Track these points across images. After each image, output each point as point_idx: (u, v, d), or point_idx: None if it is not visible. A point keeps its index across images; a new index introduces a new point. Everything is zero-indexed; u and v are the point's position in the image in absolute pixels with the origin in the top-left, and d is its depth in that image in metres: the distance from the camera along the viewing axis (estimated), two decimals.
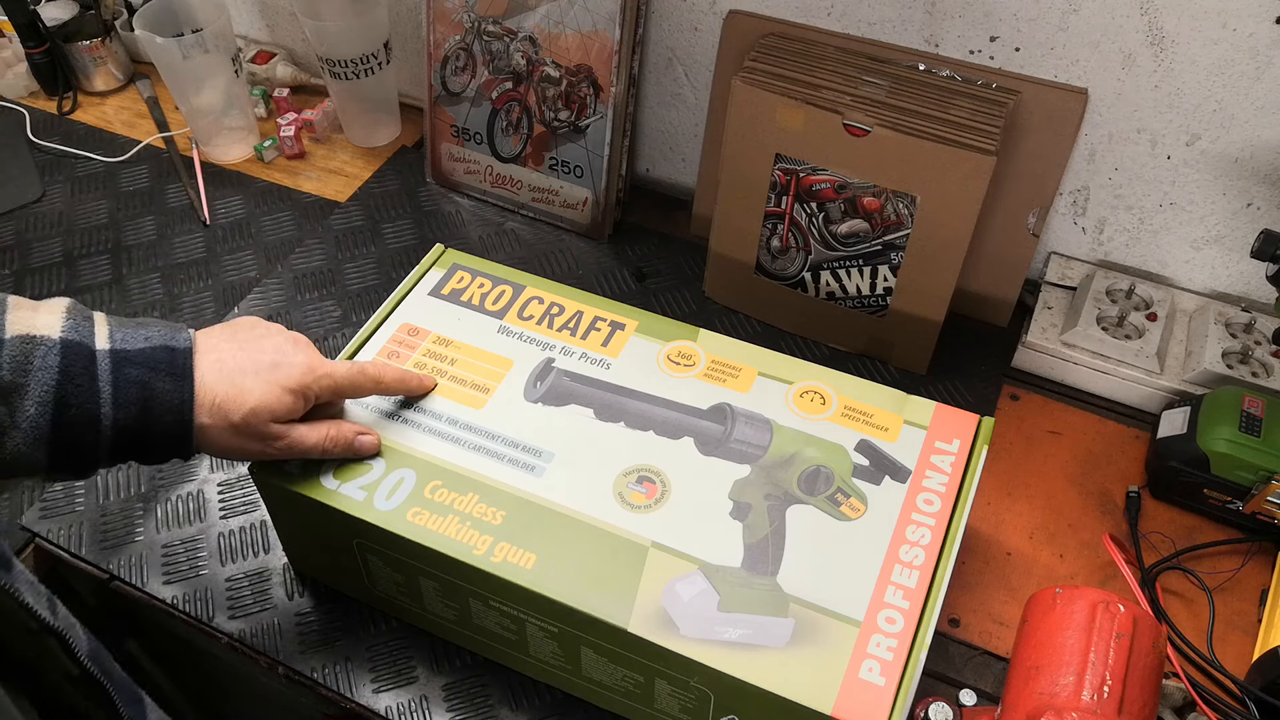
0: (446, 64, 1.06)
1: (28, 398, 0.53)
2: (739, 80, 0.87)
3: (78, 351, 0.55)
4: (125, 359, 0.57)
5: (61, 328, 0.55)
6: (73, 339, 0.55)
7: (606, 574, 0.62)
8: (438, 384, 0.72)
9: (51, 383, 0.54)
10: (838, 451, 0.69)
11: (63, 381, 0.54)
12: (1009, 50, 0.89)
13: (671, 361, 0.75)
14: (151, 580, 0.79)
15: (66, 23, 1.23)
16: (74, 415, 0.54)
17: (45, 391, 0.53)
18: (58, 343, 0.54)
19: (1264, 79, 0.81)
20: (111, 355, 0.56)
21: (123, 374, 0.56)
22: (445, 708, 0.72)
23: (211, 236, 1.09)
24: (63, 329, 0.55)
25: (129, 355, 0.57)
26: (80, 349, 0.55)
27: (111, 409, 0.55)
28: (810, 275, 0.94)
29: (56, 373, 0.54)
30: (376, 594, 0.74)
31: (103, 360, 0.56)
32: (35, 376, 0.53)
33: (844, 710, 0.57)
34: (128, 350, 0.57)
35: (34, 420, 0.53)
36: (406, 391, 0.71)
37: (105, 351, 0.56)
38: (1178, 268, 0.95)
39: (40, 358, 0.54)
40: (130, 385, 0.56)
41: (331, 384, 0.65)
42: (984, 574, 0.80)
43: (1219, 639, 0.75)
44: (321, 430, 0.65)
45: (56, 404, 0.54)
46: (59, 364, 0.54)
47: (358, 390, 0.68)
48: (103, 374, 0.55)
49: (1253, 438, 0.78)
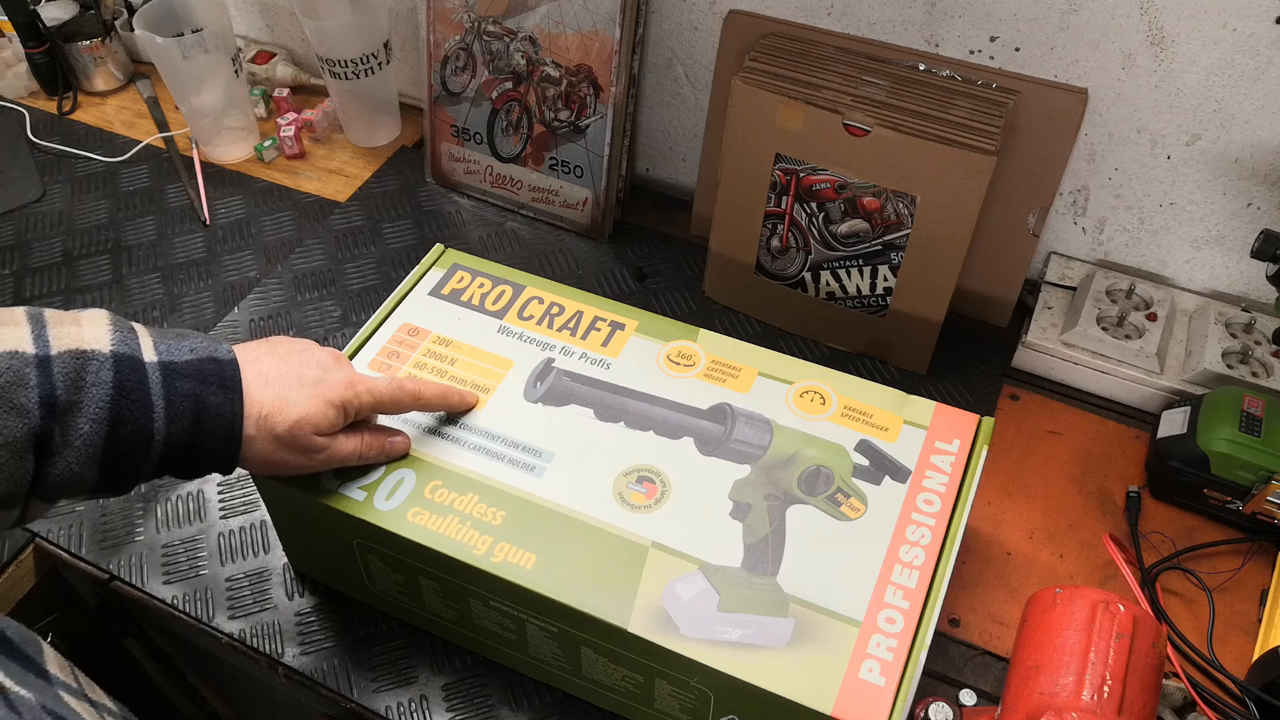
0: (446, 64, 1.06)
1: (82, 415, 0.51)
2: (739, 80, 0.87)
3: (130, 365, 0.53)
4: (174, 371, 0.55)
5: (110, 340, 0.54)
6: (124, 352, 0.54)
7: (606, 574, 0.62)
8: (479, 400, 0.71)
9: (106, 399, 0.52)
10: (838, 451, 0.69)
11: (117, 396, 0.52)
12: (1009, 50, 0.89)
13: (671, 361, 0.75)
14: (151, 580, 0.79)
15: (66, 23, 1.23)
16: (129, 431, 0.53)
17: (100, 408, 0.52)
18: (109, 357, 0.53)
19: (1264, 79, 0.81)
20: (161, 368, 0.55)
21: (174, 387, 0.55)
22: (445, 708, 0.72)
23: (211, 236, 1.09)
24: (112, 342, 0.54)
25: (177, 368, 0.56)
26: (133, 363, 0.54)
27: (165, 423, 0.54)
28: (810, 275, 0.94)
29: (111, 388, 0.52)
30: (376, 594, 0.74)
31: (153, 373, 0.54)
32: (89, 393, 0.51)
33: (844, 710, 0.57)
34: (175, 363, 0.56)
35: (88, 438, 0.52)
36: (447, 407, 0.70)
37: (154, 364, 0.55)
38: (1178, 268, 0.96)
39: (94, 373, 0.52)
40: (182, 399, 0.55)
41: (372, 400, 0.64)
42: (984, 574, 0.80)
43: (1219, 639, 0.75)
44: (357, 439, 0.64)
45: (112, 420, 0.52)
46: (113, 379, 0.52)
47: (399, 406, 0.67)
48: (154, 387, 0.54)
49: (1253, 438, 0.78)
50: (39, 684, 0.43)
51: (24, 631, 0.44)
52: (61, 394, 0.51)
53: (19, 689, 0.41)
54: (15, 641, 0.43)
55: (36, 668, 0.43)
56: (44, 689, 0.43)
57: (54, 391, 0.51)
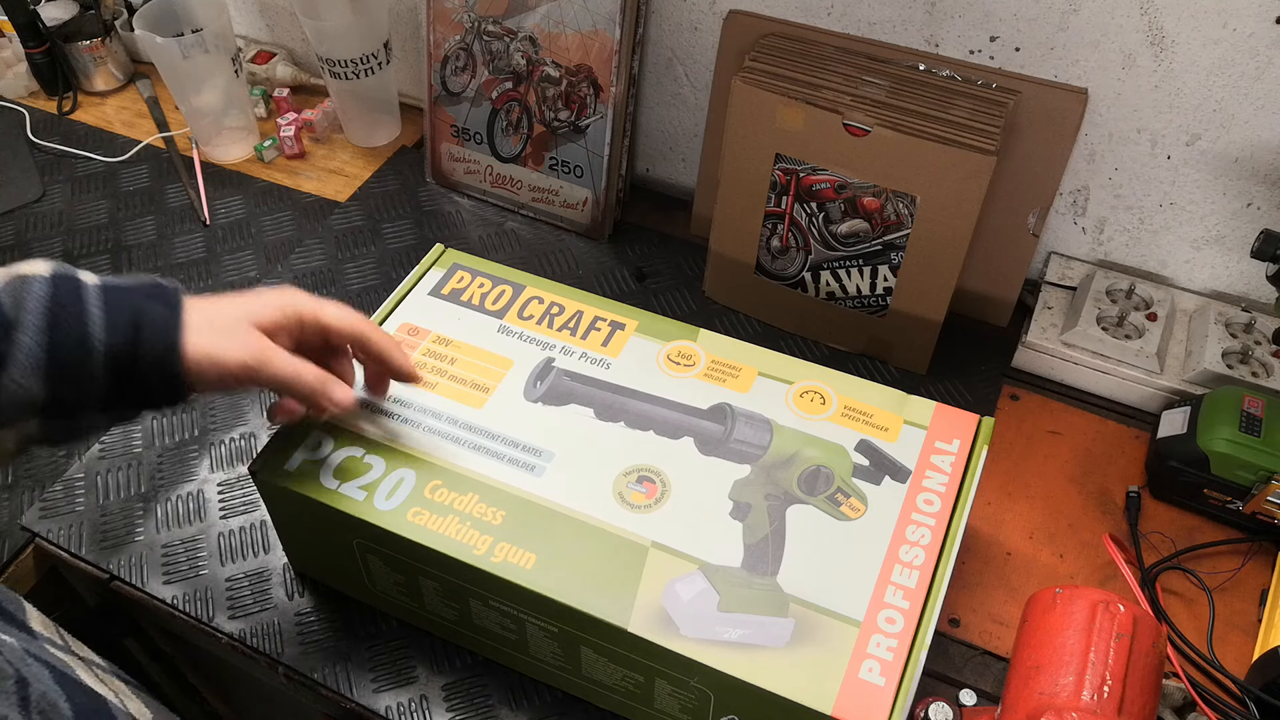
0: (446, 64, 1.06)
1: (22, 328, 0.53)
2: (739, 80, 0.87)
3: (68, 282, 0.56)
4: (114, 287, 0.57)
5: (50, 268, 0.56)
6: (62, 273, 0.56)
7: (606, 574, 0.62)
8: (424, 381, 0.71)
9: (42, 309, 0.54)
10: (838, 451, 0.69)
11: (53, 307, 0.54)
12: (1009, 50, 0.89)
13: (671, 361, 0.75)
14: (151, 580, 0.79)
15: (66, 23, 1.23)
16: (66, 337, 0.54)
17: (38, 318, 0.54)
18: (48, 277, 0.55)
19: (1264, 79, 0.81)
20: (101, 288, 0.57)
21: (113, 298, 0.56)
22: (445, 708, 0.72)
23: (211, 236, 1.09)
24: (51, 268, 0.56)
25: (119, 285, 0.57)
26: (70, 280, 0.56)
27: (104, 331, 0.55)
28: (810, 275, 0.94)
29: (47, 300, 0.54)
30: (376, 594, 0.74)
31: (92, 289, 0.56)
32: (27, 306, 0.54)
33: (844, 710, 0.57)
34: (117, 284, 0.58)
35: (28, 348, 0.53)
36: (390, 363, 0.67)
37: (95, 285, 0.57)
38: (1178, 268, 0.96)
39: (32, 291, 0.54)
40: (122, 307, 0.56)
41: (314, 306, 0.63)
42: (984, 574, 0.80)
43: (1219, 639, 0.75)
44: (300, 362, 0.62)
45: (50, 328, 0.54)
46: (48, 292, 0.54)
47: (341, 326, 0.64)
48: (91, 298, 0.56)
49: (1253, 438, 0.78)
50: (23, 636, 0.43)
51: (5, 591, 0.46)
52: (8, 311, 0.53)
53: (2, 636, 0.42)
54: None
55: (19, 623, 0.44)
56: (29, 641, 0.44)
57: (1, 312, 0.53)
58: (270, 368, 0.60)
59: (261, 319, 0.60)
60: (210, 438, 0.88)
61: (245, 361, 0.59)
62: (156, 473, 0.86)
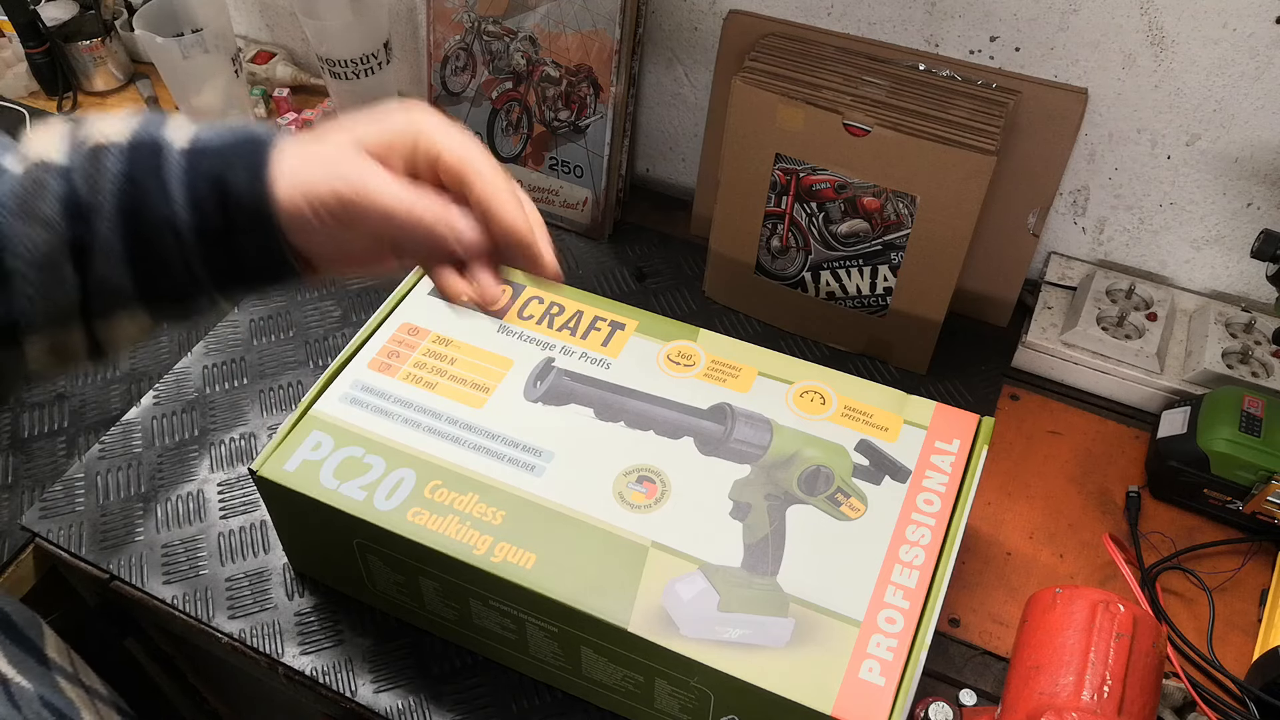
0: (446, 64, 1.06)
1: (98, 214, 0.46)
2: (739, 80, 0.87)
3: (146, 151, 0.47)
4: (201, 150, 0.48)
5: (131, 129, 0.48)
6: (142, 138, 0.48)
7: (606, 574, 0.62)
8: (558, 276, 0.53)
9: (115, 192, 0.46)
10: (838, 451, 0.69)
11: (126, 186, 0.47)
12: (1009, 50, 0.89)
13: (671, 361, 0.75)
14: (151, 580, 0.79)
15: (66, 23, 1.23)
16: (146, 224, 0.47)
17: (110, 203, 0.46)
18: (125, 146, 0.47)
19: (1264, 79, 0.81)
20: (188, 154, 0.48)
21: (196, 165, 0.48)
22: (445, 708, 0.72)
23: None
24: (133, 130, 0.48)
25: (206, 146, 0.48)
26: (149, 148, 0.48)
27: (188, 213, 0.47)
28: (810, 275, 0.94)
29: (120, 179, 0.47)
30: (376, 594, 0.74)
31: (175, 158, 0.48)
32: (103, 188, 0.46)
33: (844, 710, 0.57)
34: (205, 143, 0.48)
35: (105, 238, 0.46)
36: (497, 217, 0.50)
37: (180, 150, 0.48)
38: (1178, 268, 0.96)
39: (108, 167, 0.47)
40: (205, 177, 0.47)
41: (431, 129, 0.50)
42: (984, 574, 0.80)
43: (1219, 639, 0.75)
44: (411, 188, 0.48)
45: (124, 213, 0.46)
46: (123, 170, 0.47)
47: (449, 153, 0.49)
48: (173, 172, 0.47)
49: (1253, 438, 0.78)
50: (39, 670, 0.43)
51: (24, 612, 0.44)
52: (85, 196, 0.46)
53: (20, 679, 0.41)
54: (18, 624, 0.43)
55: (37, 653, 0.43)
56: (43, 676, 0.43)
57: (76, 196, 0.46)
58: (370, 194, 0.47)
59: (369, 141, 0.49)
60: (210, 438, 0.88)
61: (338, 191, 0.47)
62: (156, 473, 0.86)
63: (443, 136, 0.49)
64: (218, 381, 0.93)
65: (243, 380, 0.93)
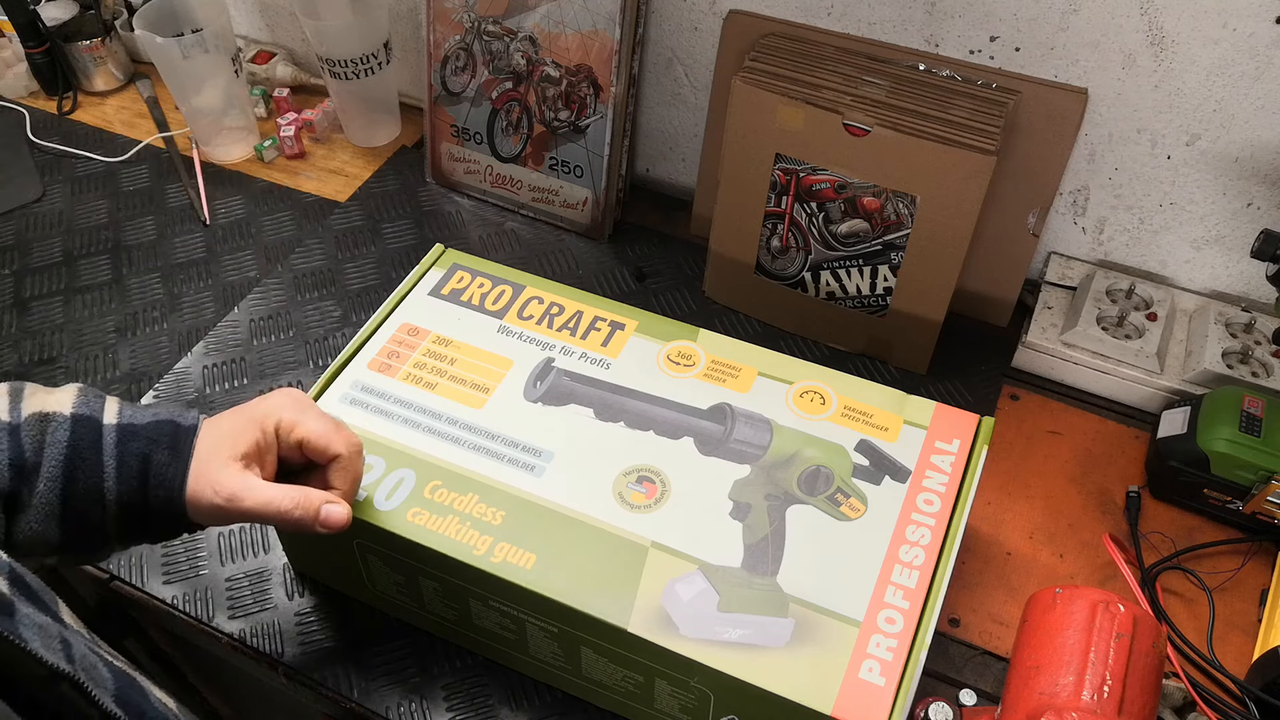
0: (446, 64, 1.06)
1: (40, 475, 0.54)
2: (739, 80, 0.87)
3: (86, 425, 0.56)
4: (132, 433, 0.57)
5: (73, 404, 0.57)
6: (83, 413, 0.56)
7: (606, 574, 0.62)
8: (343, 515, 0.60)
9: (60, 458, 0.55)
10: (838, 451, 0.69)
11: (70, 456, 0.55)
12: (1009, 50, 0.89)
13: (671, 361, 0.75)
14: (151, 580, 0.79)
15: (66, 23, 1.23)
16: (81, 489, 0.55)
17: (54, 467, 0.54)
18: (69, 418, 0.56)
19: (1264, 79, 0.81)
20: (119, 430, 0.57)
21: (126, 448, 0.56)
22: (445, 708, 0.72)
23: (211, 236, 1.09)
24: (74, 405, 0.56)
25: (135, 430, 0.57)
26: (89, 423, 0.56)
27: (115, 482, 0.56)
28: (810, 275, 0.94)
29: (65, 447, 0.55)
30: (376, 594, 0.74)
31: (109, 434, 0.56)
32: (47, 453, 0.54)
33: (844, 710, 0.57)
34: (134, 425, 0.57)
35: (44, 496, 0.54)
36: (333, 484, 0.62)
37: (112, 426, 0.57)
38: (1178, 268, 0.96)
39: (52, 433, 0.55)
40: (133, 456, 0.56)
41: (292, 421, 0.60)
42: (984, 574, 0.80)
43: (1219, 639, 0.75)
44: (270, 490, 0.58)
45: (65, 479, 0.55)
46: (68, 439, 0.55)
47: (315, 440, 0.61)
48: (108, 447, 0.56)
49: (1253, 438, 0.78)
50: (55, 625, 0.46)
51: (41, 584, 0.48)
52: (29, 456, 0.54)
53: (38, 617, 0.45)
54: (34, 589, 0.47)
55: (52, 613, 0.46)
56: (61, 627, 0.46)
57: (22, 454, 0.54)
58: (239, 505, 0.57)
59: (240, 447, 0.58)
60: None
61: (215, 504, 0.57)
62: None
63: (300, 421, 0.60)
64: (218, 381, 0.93)
65: (243, 380, 0.93)
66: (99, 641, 0.49)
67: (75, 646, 0.45)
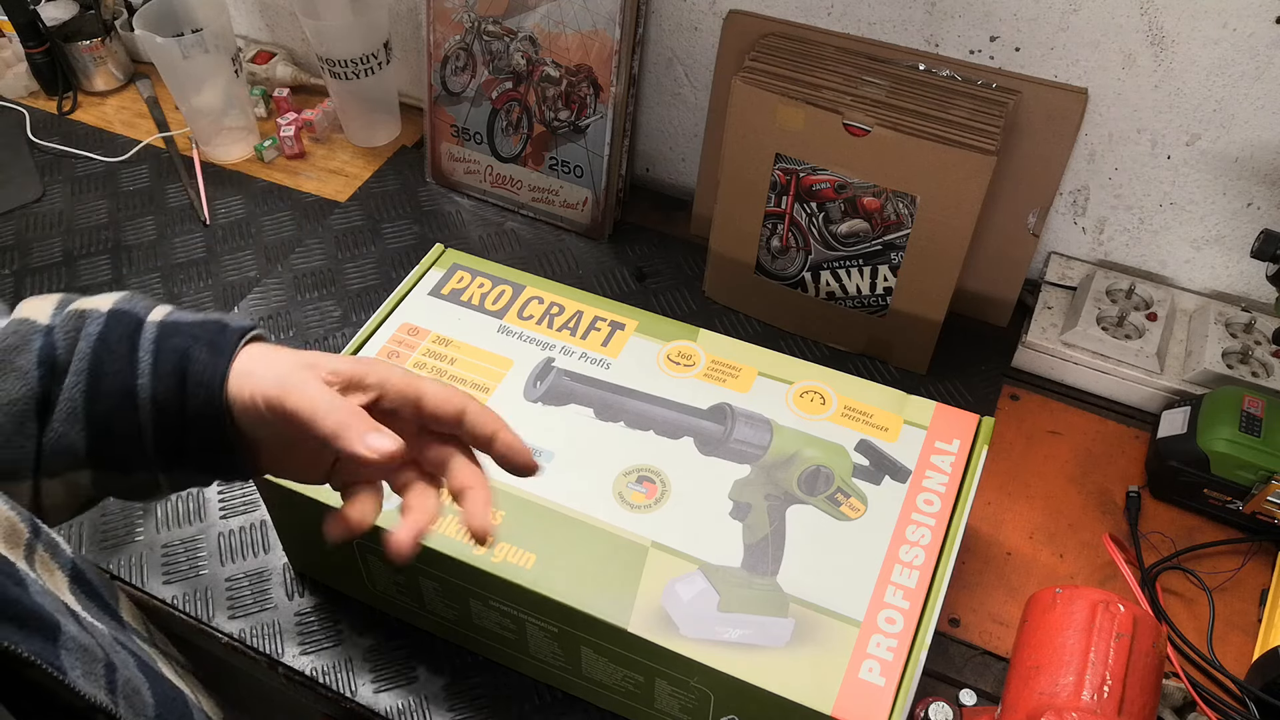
0: (446, 64, 1.06)
1: (70, 370, 0.48)
2: (739, 80, 0.87)
3: (124, 319, 0.50)
4: (174, 329, 0.50)
5: (114, 301, 0.51)
6: (123, 308, 0.50)
7: (606, 574, 0.62)
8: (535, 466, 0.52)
9: (88, 350, 0.48)
10: (838, 451, 0.69)
11: (99, 347, 0.49)
12: (1009, 50, 0.89)
13: (671, 361, 0.75)
14: (151, 580, 0.79)
15: (66, 23, 1.23)
16: (108, 386, 0.48)
17: (81, 360, 0.48)
18: (106, 313, 0.50)
19: (1264, 79, 0.81)
20: (161, 326, 0.50)
21: (166, 343, 0.49)
22: (445, 708, 0.72)
23: (211, 236, 1.09)
24: (115, 302, 0.51)
25: (180, 327, 0.50)
26: (127, 317, 0.50)
27: (150, 379, 0.48)
28: (810, 275, 0.94)
29: (95, 340, 0.49)
30: (376, 594, 0.74)
31: (149, 330, 0.50)
32: (79, 347, 0.49)
33: (844, 710, 0.57)
34: (180, 322, 0.51)
35: (69, 392, 0.48)
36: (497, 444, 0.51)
37: (155, 323, 0.50)
38: (1178, 268, 0.96)
39: (86, 329, 0.49)
40: (170, 354, 0.49)
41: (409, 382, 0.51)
42: (984, 574, 0.80)
43: (1219, 639, 0.75)
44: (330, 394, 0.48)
45: (91, 372, 0.48)
46: (99, 331, 0.49)
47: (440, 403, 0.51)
48: (145, 342, 0.49)
49: (1253, 438, 0.78)
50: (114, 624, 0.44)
51: (103, 578, 0.46)
52: (61, 353, 0.49)
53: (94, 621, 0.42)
54: (96, 585, 0.44)
55: (112, 611, 0.44)
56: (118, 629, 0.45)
57: (54, 351, 0.48)
58: (291, 397, 0.47)
59: (325, 368, 0.49)
60: None
61: (267, 393, 0.48)
62: None
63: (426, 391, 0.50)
64: None
65: None
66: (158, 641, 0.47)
67: (121, 669, 0.41)
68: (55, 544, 0.44)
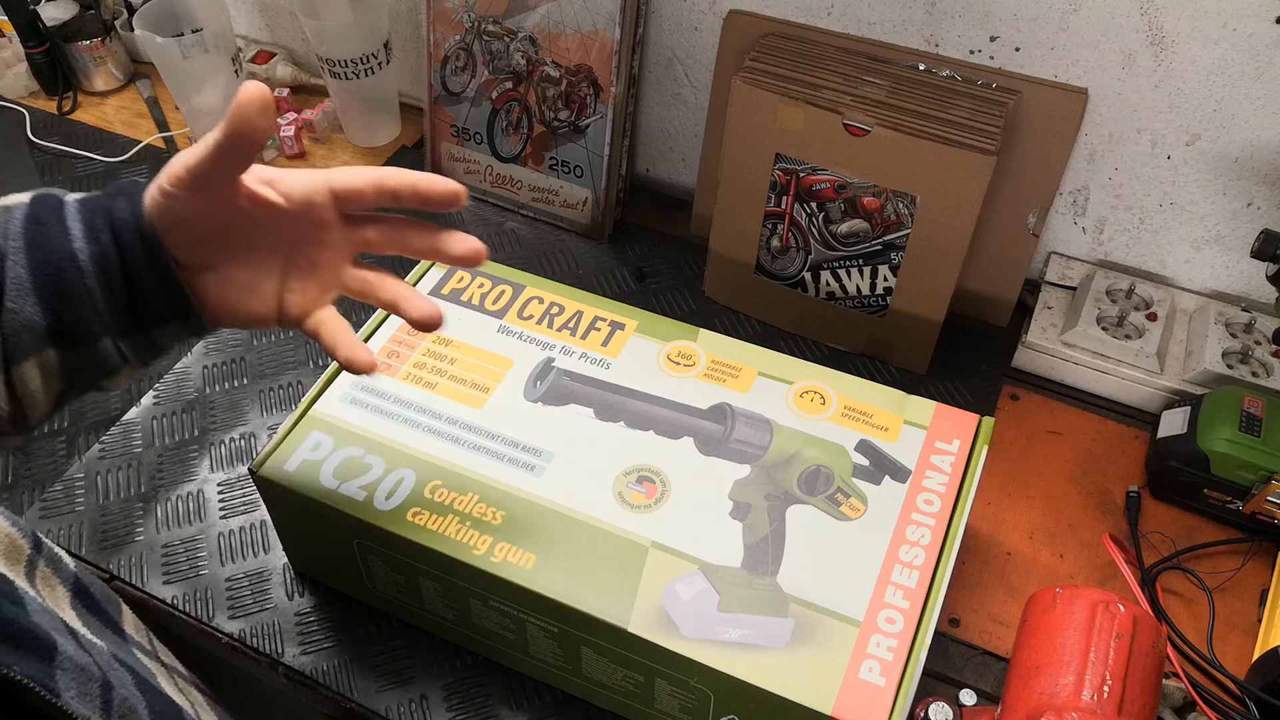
0: (446, 64, 1.06)
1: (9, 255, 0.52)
2: (739, 80, 0.87)
3: (46, 201, 0.54)
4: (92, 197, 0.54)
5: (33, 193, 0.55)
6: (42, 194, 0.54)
7: (606, 574, 0.62)
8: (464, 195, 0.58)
9: (19, 230, 0.52)
10: (838, 451, 0.69)
11: (29, 225, 0.52)
12: (1009, 50, 0.89)
13: (671, 361, 0.75)
14: (151, 580, 0.79)
15: (66, 23, 1.23)
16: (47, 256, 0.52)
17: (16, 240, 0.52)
18: (28, 200, 0.54)
19: (1264, 79, 0.81)
20: (80, 199, 0.54)
21: (89, 206, 0.53)
22: (445, 708, 0.72)
23: None
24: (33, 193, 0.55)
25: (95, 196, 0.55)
26: (49, 199, 0.54)
27: (84, 240, 0.52)
28: (810, 275, 0.94)
29: (23, 219, 0.52)
30: (376, 594, 0.74)
31: (70, 204, 0.54)
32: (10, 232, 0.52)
33: (844, 710, 0.57)
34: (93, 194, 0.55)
35: (13, 271, 0.51)
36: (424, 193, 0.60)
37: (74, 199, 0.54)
38: (1178, 268, 0.96)
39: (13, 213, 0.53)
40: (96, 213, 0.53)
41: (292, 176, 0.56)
42: (984, 574, 0.80)
43: (1219, 639, 0.75)
44: None
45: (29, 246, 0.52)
46: (26, 212, 0.53)
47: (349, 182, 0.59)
48: (70, 213, 0.53)
49: (1253, 438, 0.78)
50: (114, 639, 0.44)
51: (106, 591, 0.46)
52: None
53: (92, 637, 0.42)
54: (98, 599, 0.45)
55: (114, 625, 0.44)
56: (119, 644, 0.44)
57: None
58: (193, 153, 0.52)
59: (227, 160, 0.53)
60: (210, 438, 0.88)
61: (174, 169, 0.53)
62: (156, 473, 0.86)
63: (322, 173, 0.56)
64: (218, 381, 0.93)
65: (243, 380, 0.93)
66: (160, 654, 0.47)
67: (118, 689, 0.42)
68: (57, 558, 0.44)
